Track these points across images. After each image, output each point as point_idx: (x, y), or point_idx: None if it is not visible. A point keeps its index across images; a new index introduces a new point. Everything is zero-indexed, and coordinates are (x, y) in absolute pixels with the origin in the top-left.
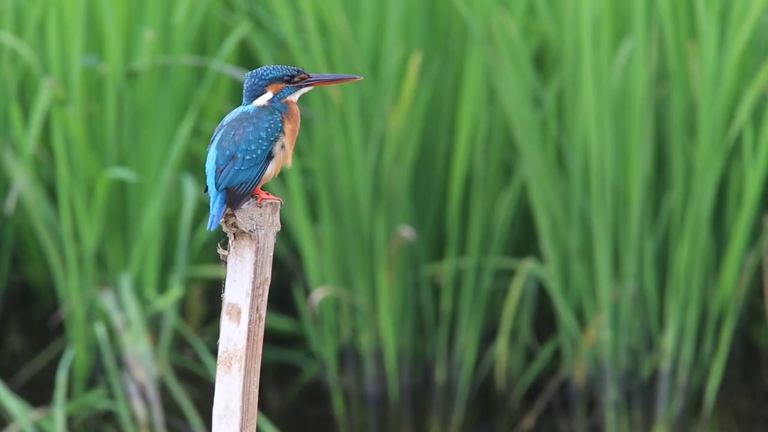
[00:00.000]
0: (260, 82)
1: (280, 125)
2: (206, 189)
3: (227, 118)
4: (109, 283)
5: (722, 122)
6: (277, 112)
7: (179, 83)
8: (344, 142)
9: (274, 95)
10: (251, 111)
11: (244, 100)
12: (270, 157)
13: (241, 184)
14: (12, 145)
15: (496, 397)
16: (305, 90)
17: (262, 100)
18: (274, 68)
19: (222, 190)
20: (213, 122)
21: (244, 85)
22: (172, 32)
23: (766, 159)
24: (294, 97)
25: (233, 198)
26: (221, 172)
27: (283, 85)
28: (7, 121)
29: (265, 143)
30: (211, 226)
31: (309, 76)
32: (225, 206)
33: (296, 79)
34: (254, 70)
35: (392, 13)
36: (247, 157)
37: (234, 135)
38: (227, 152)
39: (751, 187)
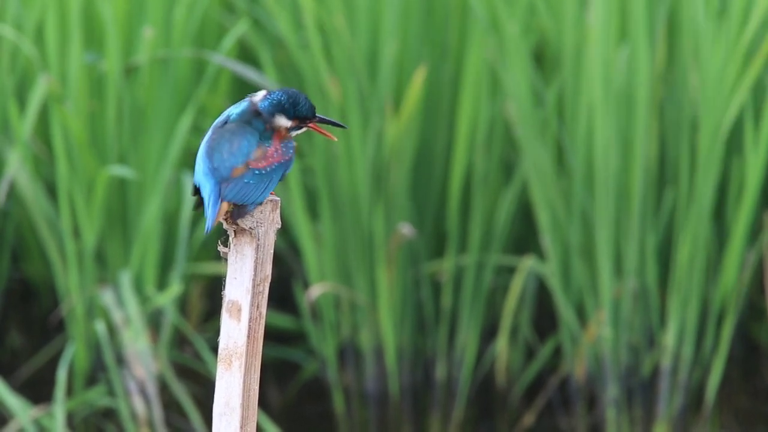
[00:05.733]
0: (292, 111)
1: (293, 152)
2: (194, 191)
3: (227, 125)
4: (109, 280)
5: (723, 116)
6: (292, 145)
7: (179, 80)
8: (344, 139)
9: (292, 127)
10: (246, 123)
11: (267, 108)
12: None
13: (252, 203)
14: (12, 143)
15: (496, 394)
16: (304, 130)
17: (284, 124)
18: (306, 106)
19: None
20: (213, 120)
21: (278, 95)
22: (171, 30)
23: (765, 154)
24: (297, 132)
25: (240, 213)
26: (229, 186)
27: (299, 123)
28: (7, 119)
29: (281, 169)
30: (207, 228)
31: (314, 117)
32: (218, 206)
33: (308, 122)
34: (295, 93)
35: (387, 8)
36: (257, 172)
37: (233, 146)
38: (226, 162)
39: (751, 184)
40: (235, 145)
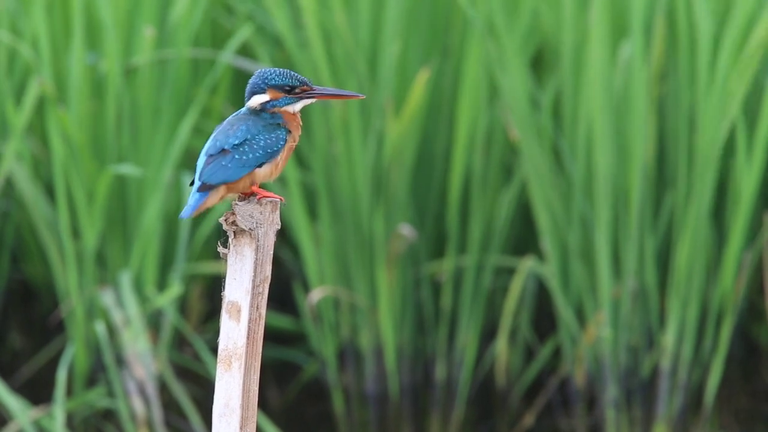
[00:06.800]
0: (261, 84)
1: (282, 143)
2: (192, 183)
3: (229, 117)
4: (109, 281)
5: (722, 118)
6: (282, 128)
7: (178, 81)
8: (344, 141)
9: (270, 100)
10: (252, 114)
11: (245, 97)
12: (258, 166)
13: (223, 182)
14: (8, 140)
15: (496, 395)
16: (306, 102)
17: (258, 100)
18: (279, 74)
19: (201, 182)
20: (213, 121)
21: (249, 81)
22: (170, 31)
23: (763, 156)
24: (293, 108)
25: (205, 188)
26: (209, 164)
27: (282, 94)
28: (5, 120)
29: (261, 151)
30: (184, 213)
31: (312, 89)
32: (204, 199)
33: (297, 90)
34: (262, 70)
35: (389, 10)
36: (237, 157)
37: (229, 130)
38: (218, 143)
39: (747, 185)
40: (234, 128)
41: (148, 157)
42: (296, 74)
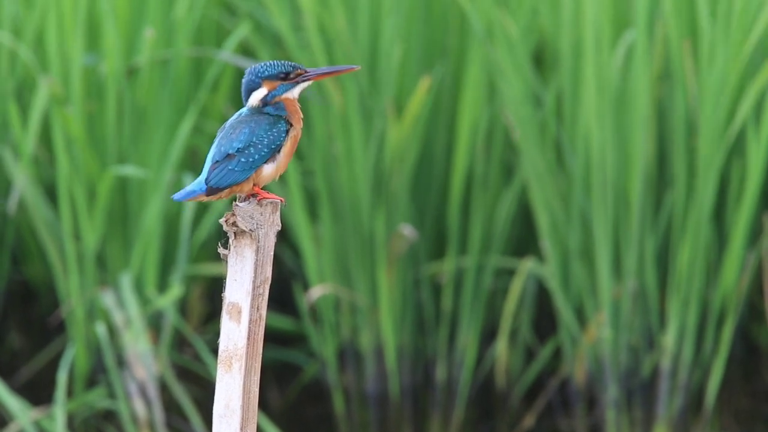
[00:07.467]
0: (255, 79)
1: (283, 135)
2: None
3: (231, 120)
4: (110, 282)
5: (723, 119)
6: (282, 121)
7: (179, 81)
8: (344, 141)
9: (269, 92)
10: (254, 114)
11: (243, 97)
12: (265, 163)
13: (230, 185)
14: (12, 145)
15: (496, 395)
16: (304, 86)
17: (257, 96)
18: (270, 65)
19: (209, 185)
20: (214, 120)
21: (242, 81)
22: (171, 31)
23: (766, 156)
24: (292, 94)
25: (213, 192)
26: (215, 168)
27: (279, 82)
28: (6, 121)
29: (265, 149)
30: (177, 196)
31: (306, 72)
32: (202, 192)
33: (292, 75)
34: (252, 66)
35: (389, 11)
36: (243, 159)
37: (232, 134)
38: (223, 149)
39: (751, 185)
40: (237, 131)
41: (149, 157)
42: (288, 61)
